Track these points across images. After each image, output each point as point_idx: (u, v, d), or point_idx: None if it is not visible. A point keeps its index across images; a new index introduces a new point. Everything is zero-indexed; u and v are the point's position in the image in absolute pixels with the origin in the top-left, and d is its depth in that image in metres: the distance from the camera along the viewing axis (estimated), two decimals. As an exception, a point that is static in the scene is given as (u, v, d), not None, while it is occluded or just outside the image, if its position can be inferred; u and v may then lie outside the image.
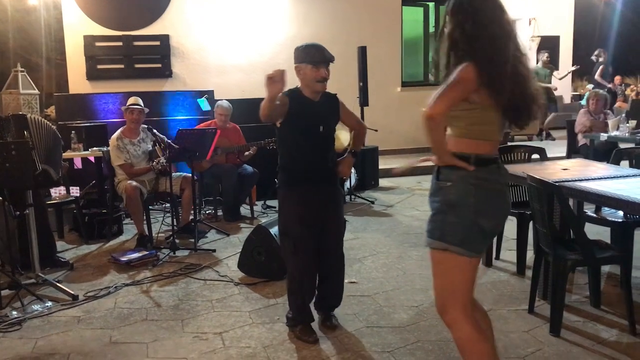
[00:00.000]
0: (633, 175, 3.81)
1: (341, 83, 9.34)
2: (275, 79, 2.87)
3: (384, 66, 9.75)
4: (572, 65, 12.61)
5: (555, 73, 11.82)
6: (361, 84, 7.95)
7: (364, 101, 7.97)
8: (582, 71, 16.37)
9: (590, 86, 13.09)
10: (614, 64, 16.78)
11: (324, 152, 3.40)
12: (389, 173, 8.56)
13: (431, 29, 10.76)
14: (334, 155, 3.47)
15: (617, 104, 11.35)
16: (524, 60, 2.25)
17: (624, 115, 7.60)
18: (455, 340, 2.34)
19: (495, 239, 4.56)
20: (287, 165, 3.39)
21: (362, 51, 7.95)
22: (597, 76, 12.58)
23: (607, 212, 4.15)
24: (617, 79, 14.85)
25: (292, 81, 3.18)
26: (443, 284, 2.33)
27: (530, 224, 4.26)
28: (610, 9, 16.80)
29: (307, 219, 3.32)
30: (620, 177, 3.75)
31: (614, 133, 6.82)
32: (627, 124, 6.93)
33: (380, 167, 8.18)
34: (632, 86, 14.76)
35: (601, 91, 7.85)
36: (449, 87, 2.17)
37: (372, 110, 8.03)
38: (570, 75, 12.98)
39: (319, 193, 3.36)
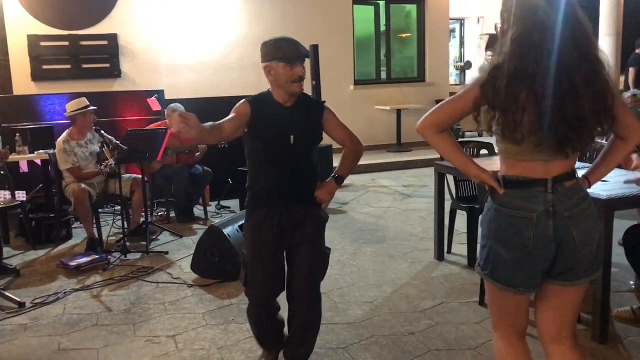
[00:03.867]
0: (578, 169, 3.93)
1: (294, 81, 9.36)
2: (182, 131, 2.22)
3: (337, 64, 9.79)
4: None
5: None
6: (314, 82, 7.94)
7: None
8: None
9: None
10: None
11: (295, 168, 2.76)
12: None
13: (382, 27, 10.86)
14: (311, 174, 2.87)
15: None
16: (590, 70, 1.87)
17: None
18: None
19: (445, 233, 4.65)
20: (251, 182, 2.81)
21: (314, 50, 7.95)
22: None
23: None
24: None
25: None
26: (487, 301, 2.22)
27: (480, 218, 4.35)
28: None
29: (264, 249, 2.77)
30: (564, 170, 3.87)
31: (559, 128, 7.02)
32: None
33: (334, 165, 8.20)
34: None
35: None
36: (446, 101, 2.03)
37: (325, 108, 8.05)
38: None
39: (287, 217, 2.74)
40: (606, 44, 10.94)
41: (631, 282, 3.96)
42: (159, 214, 6.44)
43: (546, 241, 1.94)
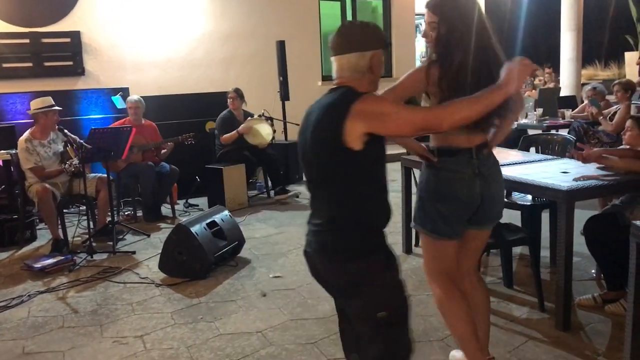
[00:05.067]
0: (539, 161, 4.02)
1: (261, 78, 9.32)
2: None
3: (304, 60, 9.77)
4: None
5: None
6: (281, 78, 7.95)
7: (284, 95, 7.98)
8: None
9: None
10: (522, 56, 17.57)
11: None
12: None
13: (349, 23, 10.88)
14: None
15: (527, 93, 11.89)
16: (493, 61, 2.35)
17: (531, 103, 7.99)
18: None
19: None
20: (373, 218, 2.05)
21: (281, 45, 7.95)
22: None
23: (517, 196, 4.35)
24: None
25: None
26: (424, 256, 2.67)
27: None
28: (516, 4, 17.60)
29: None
30: (528, 162, 3.95)
31: (523, 121, 7.16)
32: (535, 112, 7.29)
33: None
34: (539, 77, 15.51)
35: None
36: (393, 87, 2.45)
37: (293, 104, 8.04)
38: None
39: None
40: (567, 39, 11.16)
41: (592, 271, 4.06)
42: (126, 213, 6.35)
43: (475, 196, 2.47)
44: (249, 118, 6.71)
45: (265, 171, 7.12)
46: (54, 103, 5.32)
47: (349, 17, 10.85)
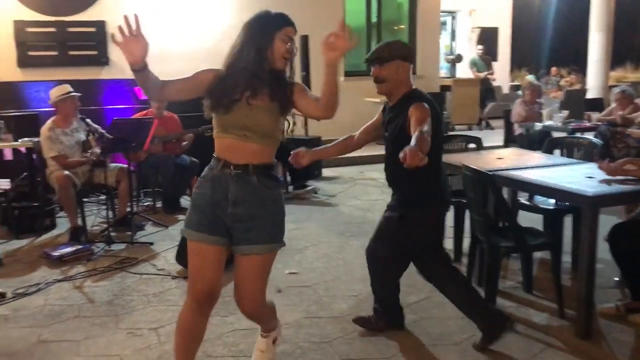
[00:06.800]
0: (563, 164, 3.93)
1: (284, 72, 9.29)
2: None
3: (327, 56, 9.72)
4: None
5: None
6: (304, 73, 7.90)
7: (306, 91, 7.94)
8: (521, 62, 16.86)
9: (530, 77, 13.46)
10: (550, 56, 17.36)
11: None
12: (331, 162, 8.57)
13: (373, 19, 10.81)
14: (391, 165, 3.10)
15: (552, 94, 11.71)
16: None
17: (557, 105, 7.85)
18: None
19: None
20: None
21: (305, 40, 7.90)
22: None
23: (539, 199, 4.26)
24: (553, 70, 15.36)
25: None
26: (264, 282, 2.52)
27: (467, 212, 4.33)
28: (546, 3, 17.32)
29: None
30: (552, 165, 3.86)
31: (548, 123, 7.05)
32: (560, 114, 7.16)
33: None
34: (565, 78, 15.26)
35: (536, 82, 8.08)
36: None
37: (314, 99, 8.02)
38: (508, 67, 13.30)
39: None
40: (596, 39, 10.95)
41: (615, 279, 3.96)
42: (145, 204, 6.38)
43: None
44: None
45: (284, 166, 7.09)
46: (72, 90, 5.34)
47: (374, 14, 10.77)
